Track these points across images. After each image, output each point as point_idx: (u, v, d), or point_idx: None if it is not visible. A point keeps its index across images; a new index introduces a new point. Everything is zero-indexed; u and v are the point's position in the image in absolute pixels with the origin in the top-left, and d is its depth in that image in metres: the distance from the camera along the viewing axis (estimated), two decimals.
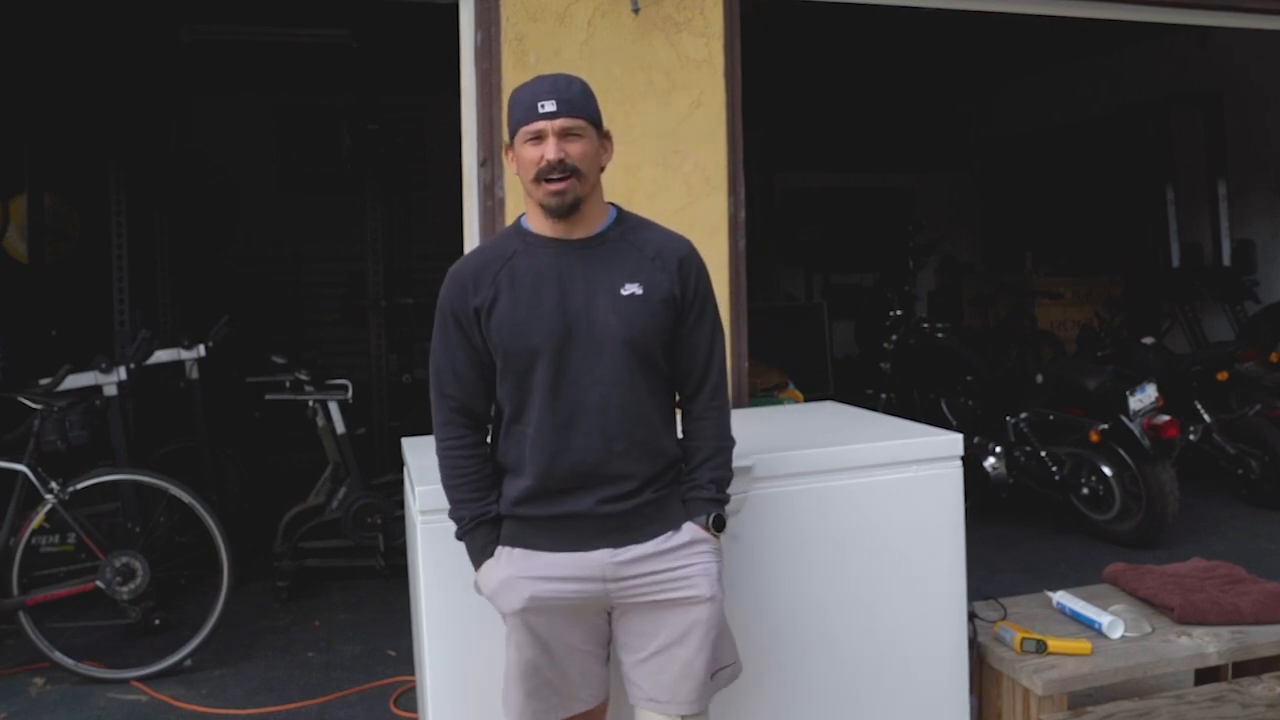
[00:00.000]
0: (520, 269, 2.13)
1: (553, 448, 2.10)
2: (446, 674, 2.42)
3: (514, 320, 2.10)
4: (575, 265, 2.12)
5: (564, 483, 2.11)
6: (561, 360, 2.09)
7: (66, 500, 3.88)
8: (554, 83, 2.11)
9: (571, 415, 2.09)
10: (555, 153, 2.05)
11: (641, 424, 2.12)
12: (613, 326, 2.08)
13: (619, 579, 2.12)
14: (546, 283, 2.11)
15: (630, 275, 2.11)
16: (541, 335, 2.08)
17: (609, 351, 2.08)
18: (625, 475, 2.11)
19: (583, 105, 2.11)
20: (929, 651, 2.79)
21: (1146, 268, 8.04)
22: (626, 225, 2.20)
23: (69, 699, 3.73)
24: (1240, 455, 5.82)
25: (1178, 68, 7.74)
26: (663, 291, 2.12)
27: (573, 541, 2.13)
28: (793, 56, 7.47)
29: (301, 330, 8.37)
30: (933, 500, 2.77)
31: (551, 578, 2.12)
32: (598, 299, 2.09)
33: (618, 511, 2.11)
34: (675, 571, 2.13)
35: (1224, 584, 3.19)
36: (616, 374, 2.09)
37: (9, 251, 6.37)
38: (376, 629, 4.33)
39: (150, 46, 6.31)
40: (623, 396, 2.09)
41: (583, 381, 2.09)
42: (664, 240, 2.20)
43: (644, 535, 2.13)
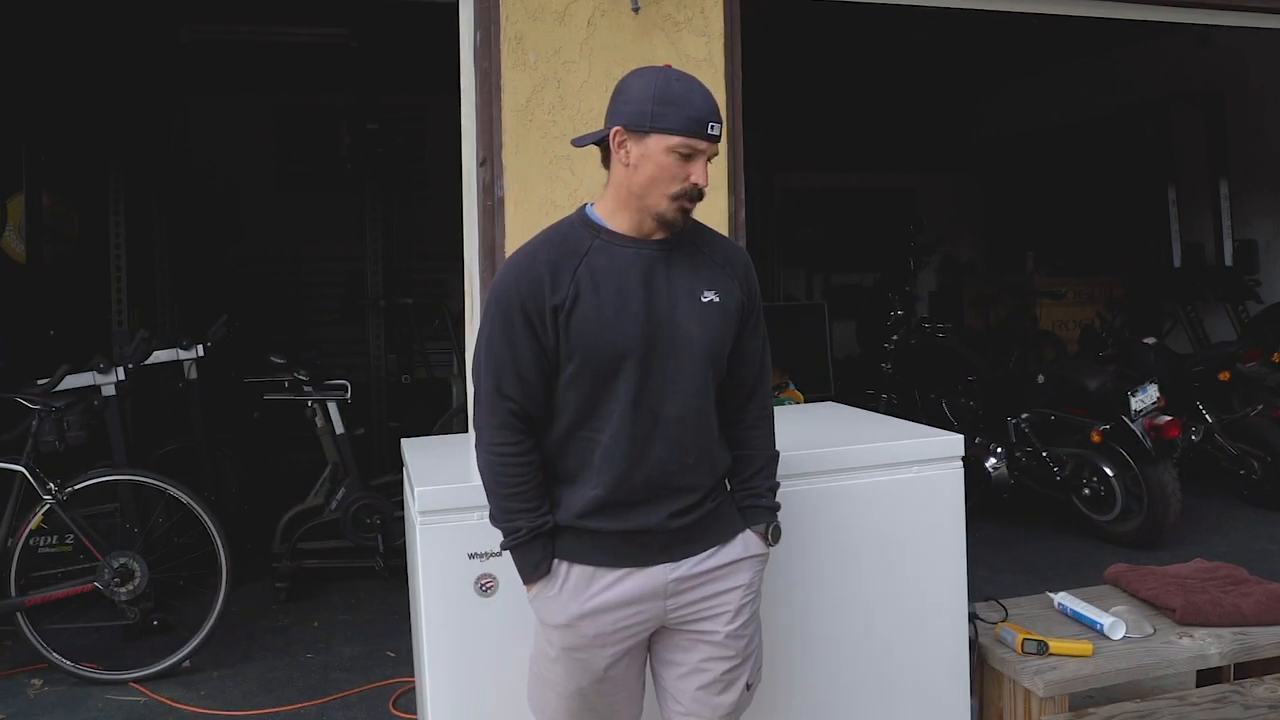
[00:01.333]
0: (600, 267, 2.01)
1: (630, 458, 2.00)
2: (446, 675, 2.41)
3: (600, 323, 1.97)
4: (657, 268, 2.03)
5: (635, 494, 2.02)
6: (646, 367, 2.00)
7: (64, 501, 3.88)
8: (709, 101, 2.00)
9: (651, 425, 2.01)
10: (704, 179, 1.99)
11: (708, 435, 2.09)
12: (695, 335, 2.03)
13: (677, 594, 2.07)
14: (631, 284, 2.01)
15: (708, 282, 2.06)
16: (629, 340, 1.98)
17: (690, 360, 2.03)
18: (692, 487, 2.06)
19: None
20: (930, 652, 2.78)
21: (1148, 268, 8.04)
22: (691, 229, 2.12)
23: (67, 700, 3.72)
24: (1242, 456, 5.81)
25: (1178, 67, 7.74)
26: (735, 300, 2.09)
27: (635, 556, 2.04)
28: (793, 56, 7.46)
29: (301, 330, 8.36)
30: (934, 501, 2.76)
31: (613, 606, 2.03)
32: (680, 305, 2.02)
33: (686, 524, 2.06)
34: (724, 587, 2.10)
35: (1226, 585, 3.18)
36: (695, 384, 2.04)
37: (7, 251, 6.36)
38: (375, 630, 4.32)
39: (149, 46, 6.30)
40: (698, 407, 2.05)
41: (664, 390, 2.01)
42: (728, 247, 2.17)
43: (699, 548, 2.09)
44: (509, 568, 2.39)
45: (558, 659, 2.10)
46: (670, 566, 2.06)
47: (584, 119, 3.42)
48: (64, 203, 6.61)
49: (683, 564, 2.07)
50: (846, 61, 8.14)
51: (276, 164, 9.06)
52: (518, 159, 3.38)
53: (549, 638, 2.11)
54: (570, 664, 2.08)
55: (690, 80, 2.02)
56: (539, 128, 3.39)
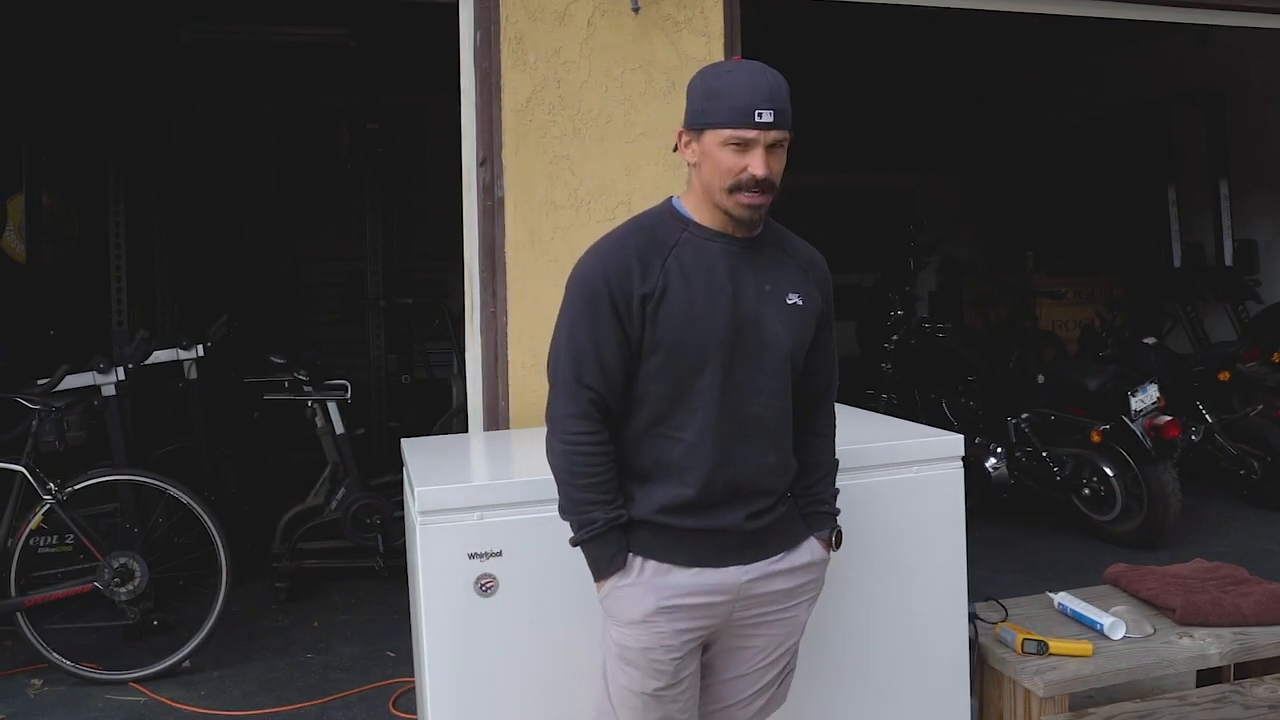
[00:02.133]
0: (689, 260, 1.97)
1: (717, 457, 1.97)
2: (446, 675, 2.41)
3: (689, 316, 1.94)
4: (744, 265, 2.01)
5: (719, 494, 1.99)
6: (731, 365, 1.97)
7: (64, 501, 3.87)
8: (770, 86, 1.92)
9: (737, 424, 1.99)
10: (763, 169, 1.92)
11: (786, 439, 2.10)
12: (780, 337, 2.02)
13: (748, 597, 2.06)
14: (719, 280, 1.97)
15: (792, 285, 2.06)
16: (716, 336, 1.95)
17: (773, 361, 2.02)
18: (770, 489, 2.06)
19: (789, 116, 1.95)
20: (929, 652, 2.77)
21: (1148, 268, 8.04)
22: (774, 230, 2.12)
23: (67, 700, 3.72)
24: (1242, 456, 5.81)
25: (1179, 67, 7.74)
26: (815, 305, 2.09)
27: (711, 556, 2.01)
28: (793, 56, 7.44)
29: (301, 330, 8.36)
30: (934, 501, 2.76)
31: (687, 604, 2.00)
32: (766, 305, 2.01)
33: (759, 527, 2.05)
34: (791, 592, 2.11)
35: (1226, 585, 3.18)
36: (777, 385, 2.04)
37: (7, 251, 6.35)
38: (375, 630, 4.32)
39: (149, 46, 6.30)
40: (780, 409, 2.06)
41: (747, 390, 1.99)
42: (809, 252, 2.15)
43: (770, 551, 2.08)
44: (509, 568, 2.40)
45: (630, 661, 2.04)
46: (742, 569, 2.04)
47: (584, 119, 3.43)
48: (64, 203, 6.61)
49: (754, 566, 2.05)
50: (846, 61, 8.14)
51: (276, 164, 9.06)
52: (518, 159, 3.38)
53: (622, 638, 2.04)
54: (643, 665, 2.02)
55: (746, 69, 1.94)
56: (539, 128, 3.39)
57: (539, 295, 3.38)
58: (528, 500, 2.41)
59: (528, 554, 2.42)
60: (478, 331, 3.43)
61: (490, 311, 3.40)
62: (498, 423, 3.38)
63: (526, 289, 3.38)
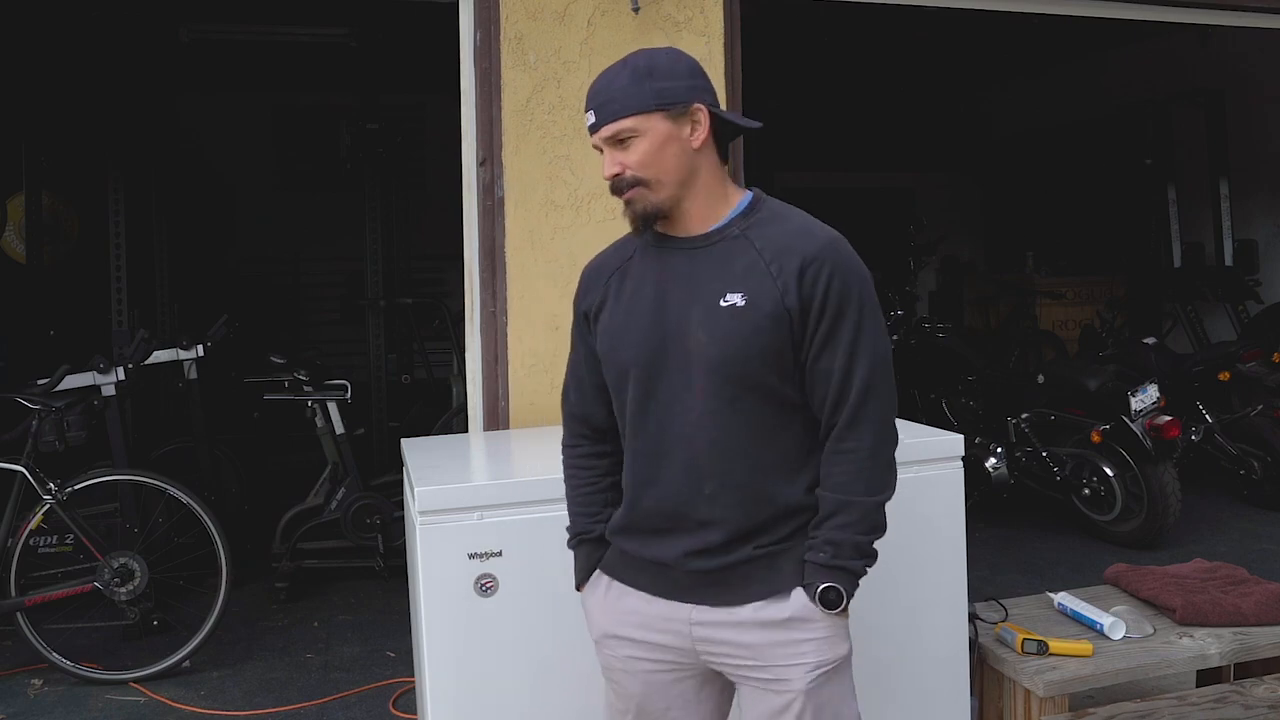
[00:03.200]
0: (631, 272, 1.87)
1: (641, 478, 1.84)
2: (446, 675, 2.41)
3: (611, 331, 1.85)
4: (679, 269, 1.81)
5: (652, 520, 1.83)
6: (651, 380, 1.80)
7: (64, 501, 3.87)
8: (598, 83, 1.80)
9: (659, 445, 1.80)
10: (610, 167, 1.79)
11: (740, 464, 1.76)
12: (702, 344, 1.75)
13: (706, 641, 1.82)
14: (646, 290, 1.82)
15: (735, 282, 1.75)
16: (633, 350, 1.81)
17: (700, 374, 1.75)
18: (716, 523, 1.77)
19: (628, 98, 1.75)
20: (929, 652, 2.77)
21: (1148, 267, 8.03)
22: (755, 219, 1.82)
23: (67, 700, 3.72)
24: (1242, 456, 5.81)
25: (1179, 67, 7.73)
26: (771, 302, 1.73)
27: (667, 588, 1.84)
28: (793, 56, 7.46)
29: (300, 330, 8.36)
30: (934, 501, 2.76)
31: (636, 637, 1.87)
32: (693, 310, 1.77)
33: (707, 568, 1.79)
34: (766, 651, 1.78)
35: (1226, 585, 3.18)
36: (707, 402, 1.75)
37: (7, 251, 6.36)
38: (375, 630, 4.32)
39: (148, 45, 6.30)
40: (714, 429, 1.76)
41: (672, 408, 1.78)
42: (792, 238, 1.78)
43: (745, 596, 1.79)
44: (509, 568, 2.40)
45: (606, 678, 1.99)
46: (694, 608, 1.82)
47: (584, 119, 3.42)
48: (64, 203, 6.61)
49: (716, 610, 1.80)
50: (846, 61, 8.14)
51: (276, 164, 9.07)
52: (518, 159, 3.38)
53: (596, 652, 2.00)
54: (611, 686, 1.97)
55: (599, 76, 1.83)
56: (539, 128, 3.39)
57: (539, 295, 3.38)
58: (528, 500, 2.41)
59: (528, 554, 2.42)
60: (478, 331, 3.43)
61: (490, 311, 3.40)
62: (498, 423, 3.38)
63: (526, 289, 3.38)
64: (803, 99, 8.96)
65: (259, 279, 8.44)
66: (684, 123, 1.78)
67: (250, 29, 5.85)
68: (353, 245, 7.06)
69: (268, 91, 8.60)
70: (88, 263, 6.47)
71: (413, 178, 8.05)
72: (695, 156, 1.79)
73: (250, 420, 6.11)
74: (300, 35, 5.89)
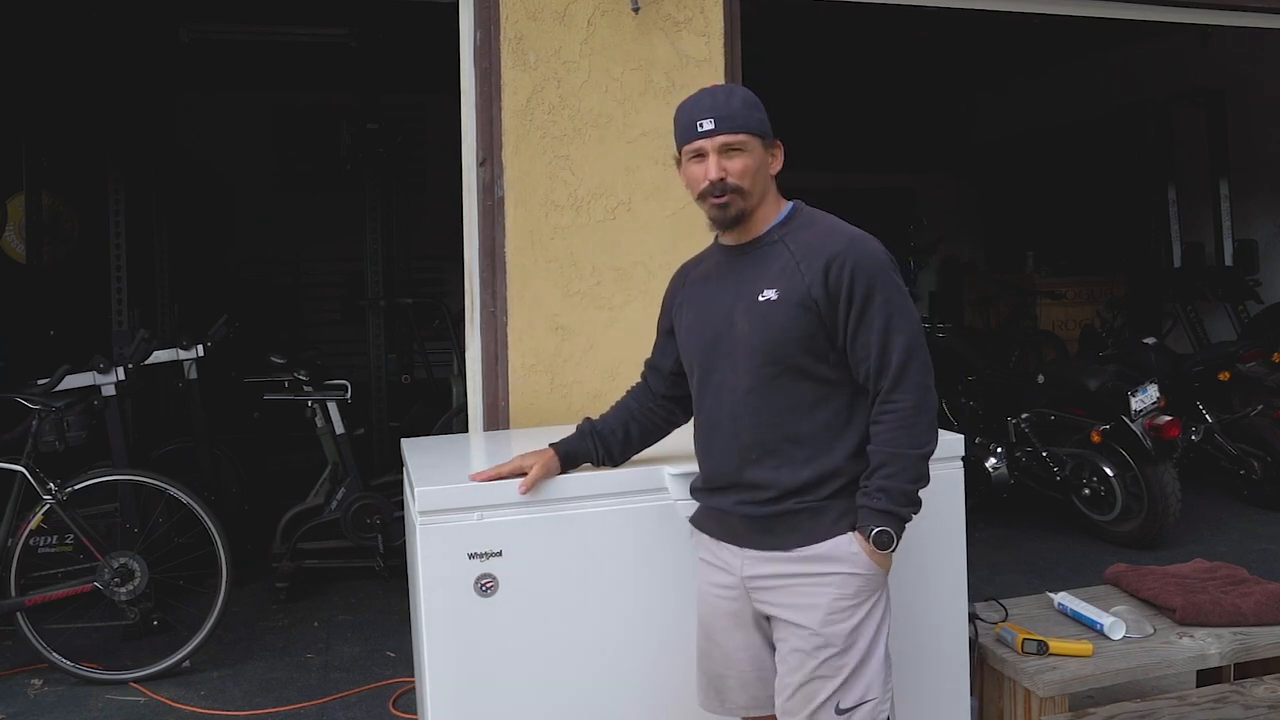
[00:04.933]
0: (701, 274, 2.26)
1: (703, 445, 2.21)
2: (446, 675, 2.41)
3: (687, 325, 2.24)
4: (732, 270, 2.17)
5: (714, 480, 2.19)
6: (708, 366, 2.16)
7: (64, 501, 3.87)
8: (713, 98, 2.12)
9: (714, 420, 2.16)
10: (715, 171, 2.07)
11: (781, 433, 2.08)
12: (744, 333, 2.09)
13: (754, 580, 2.13)
14: (709, 290, 2.20)
15: (771, 280, 2.09)
16: (696, 341, 2.19)
17: (743, 358, 2.09)
18: (763, 484, 2.10)
19: (744, 119, 2.10)
20: (930, 652, 2.77)
21: (1148, 268, 8.04)
22: (792, 226, 2.16)
23: (67, 700, 3.72)
24: (1242, 456, 5.81)
25: (1179, 67, 7.73)
26: (799, 295, 2.05)
27: (727, 533, 2.19)
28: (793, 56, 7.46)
29: (301, 330, 8.36)
30: (934, 501, 2.73)
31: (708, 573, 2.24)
32: (739, 305, 2.11)
33: (758, 515, 2.11)
34: (793, 590, 2.09)
35: (1226, 585, 3.18)
36: (749, 381, 2.09)
37: (7, 251, 6.36)
38: (375, 630, 4.32)
39: (148, 45, 6.30)
40: (755, 405, 2.08)
41: (723, 388, 2.13)
42: (817, 240, 2.10)
43: (781, 542, 2.10)
44: (509, 568, 2.40)
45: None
46: (746, 552, 2.14)
47: (584, 119, 3.43)
48: (64, 203, 6.62)
49: (762, 554, 2.12)
50: (846, 61, 8.14)
51: (276, 164, 9.06)
52: (518, 159, 3.38)
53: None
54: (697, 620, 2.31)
55: (700, 92, 2.16)
56: (539, 128, 3.39)
57: (539, 295, 3.38)
58: (528, 500, 2.41)
59: (528, 554, 2.42)
60: (478, 331, 3.43)
61: (490, 311, 3.40)
62: (498, 422, 3.38)
63: (526, 289, 3.38)
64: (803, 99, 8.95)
65: (259, 279, 8.44)
66: (769, 151, 2.16)
67: (250, 29, 5.84)
68: (353, 245, 7.06)
69: (268, 91, 8.60)
70: (88, 263, 6.47)
71: (413, 178, 8.04)
72: (768, 179, 2.16)
73: (250, 420, 6.11)
74: (300, 35, 5.89)
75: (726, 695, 2.25)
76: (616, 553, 2.47)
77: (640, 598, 2.48)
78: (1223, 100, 7.45)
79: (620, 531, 2.46)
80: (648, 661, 2.48)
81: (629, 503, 2.44)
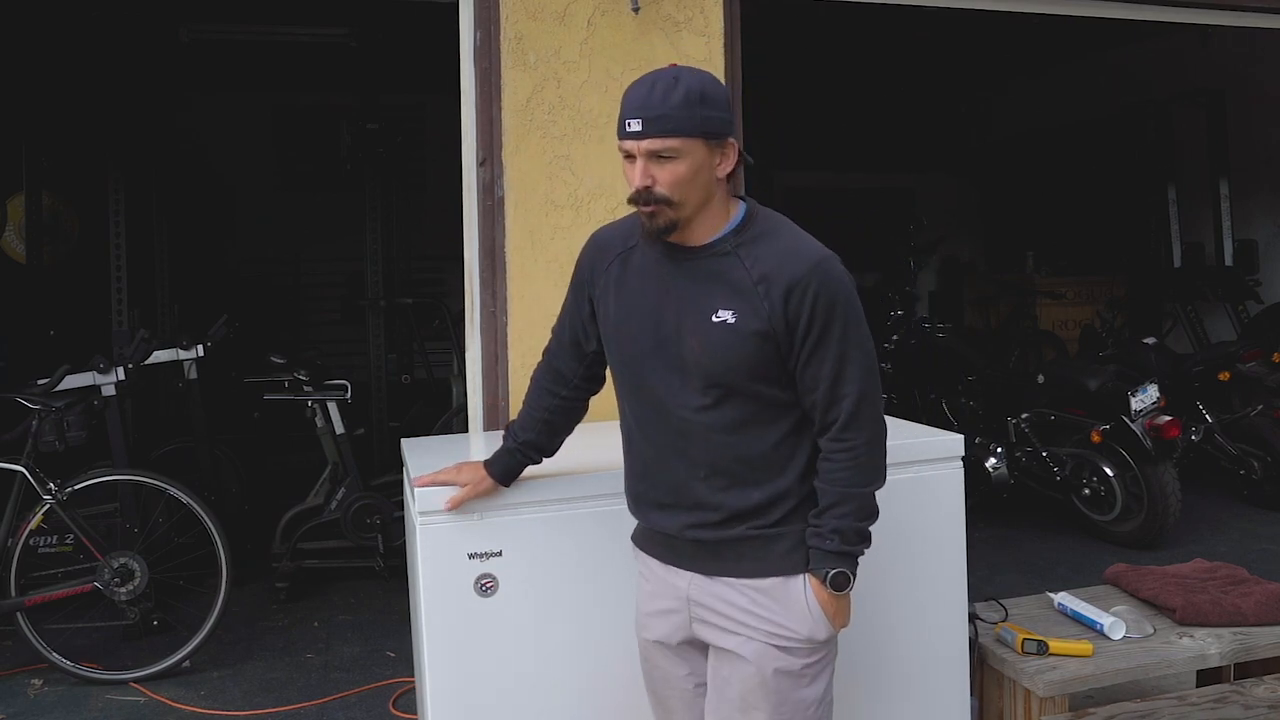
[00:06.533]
0: (632, 261, 2.02)
1: (642, 460, 2.05)
2: (446, 675, 2.41)
3: (611, 320, 2.03)
4: (677, 277, 1.94)
5: (655, 495, 2.03)
6: (648, 372, 1.97)
7: (64, 501, 3.87)
8: (649, 92, 1.83)
9: (656, 433, 1.99)
10: (641, 179, 1.85)
11: (734, 454, 1.94)
12: (694, 352, 1.91)
13: (696, 602, 2.02)
14: (646, 289, 1.98)
15: (726, 300, 1.89)
16: (632, 344, 1.99)
17: (693, 377, 1.92)
18: (711, 505, 1.96)
19: (679, 120, 1.81)
20: (929, 652, 2.77)
21: (1148, 268, 8.04)
22: (747, 235, 1.93)
23: (67, 700, 3.72)
24: (1242, 456, 5.81)
25: (1179, 67, 7.73)
26: (759, 322, 1.87)
27: (674, 556, 2.05)
28: (793, 56, 7.46)
29: (301, 330, 8.36)
30: (934, 501, 2.76)
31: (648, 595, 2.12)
32: (686, 320, 1.92)
33: (707, 539, 1.98)
34: (740, 630, 1.97)
35: (1226, 585, 3.18)
36: (699, 400, 1.92)
37: (7, 251, 6.36)
38: (375, 630, 4.32)
39: (148, 45, 6.30)
40: (707, 424, 1.93)
41: (667, 402, 1.95)
42: (778, 260, 1.89)
43: (737, 571, 1.97)
44: (509, 568, 2.40)
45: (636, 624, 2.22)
46: (692, 576, 2.02)
47: (584, 119, 3.43)
48: (64, 203, 6.62)
49: (709, 580, 2.00)
50: (846, 61, 8.14)
51: (276, 164, 9.06)
52: (518, 159, 3.38)
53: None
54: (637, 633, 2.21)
55: (640, 81, 1.88)
56: (539, 128, 3.39)
57: (539, 295, 3.38)
58: (528, 500, 2.41)
59: (528, 554, 2.42)
60: (478, 331, 3.43)
61: (490, 311, 3.40)
62: (498, 423, 3.38)
63: (526, 289, 3.38)
64: (803, 99, 8.96)
65: (259, 279, 8.44)
66: (716, 152, 1.89)
67: (250, 29, 5.85)
68: (353, 245, 7.06)
69: (268, 91, 8.60)
70: (88, 263, 6.47)
71: (413, 178, 8.04)
72: (715, 182, 1.91)
73: (250, 420, 6.11)
74: (300, 35, 5.89)
75: (672, 714, 2.17)
76: (616, 553, 2.46)
77: None
78: (1223, 100, 7.45)
79: (620, 531, 2.45)
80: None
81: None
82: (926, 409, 6.34)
